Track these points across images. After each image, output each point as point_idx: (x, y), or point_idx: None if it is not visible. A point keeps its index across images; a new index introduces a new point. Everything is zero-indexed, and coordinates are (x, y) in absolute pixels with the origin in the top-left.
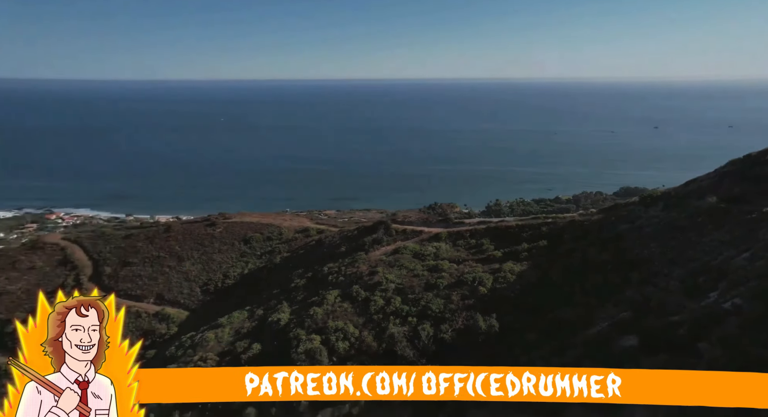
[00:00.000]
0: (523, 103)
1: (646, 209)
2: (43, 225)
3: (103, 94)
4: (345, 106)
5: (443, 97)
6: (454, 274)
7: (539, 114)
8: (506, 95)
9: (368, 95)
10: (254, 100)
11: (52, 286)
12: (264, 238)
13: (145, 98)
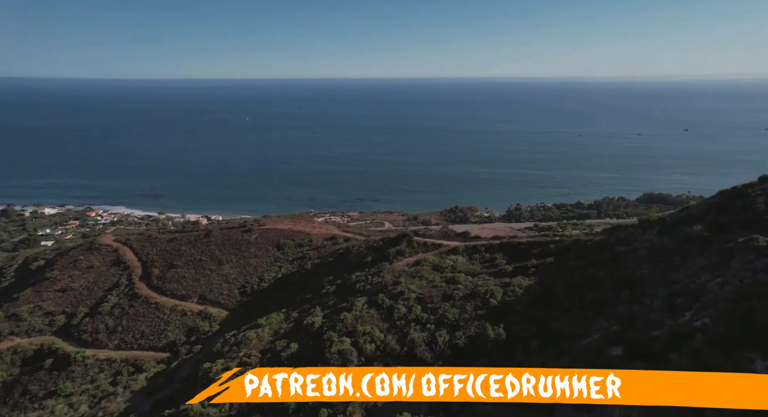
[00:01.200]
0: (548, 104)
1: (643, 232)
2: (84, 222)
3: (128, 94)
4: (368, 105)
5: (463, 96)
6: (469, 286)
7: (564, 115)
8: (528, 96)
9: (391, 94)
10: (277, 99)
11: (108, 284)
12: (296, 245)
13: (169, 97)
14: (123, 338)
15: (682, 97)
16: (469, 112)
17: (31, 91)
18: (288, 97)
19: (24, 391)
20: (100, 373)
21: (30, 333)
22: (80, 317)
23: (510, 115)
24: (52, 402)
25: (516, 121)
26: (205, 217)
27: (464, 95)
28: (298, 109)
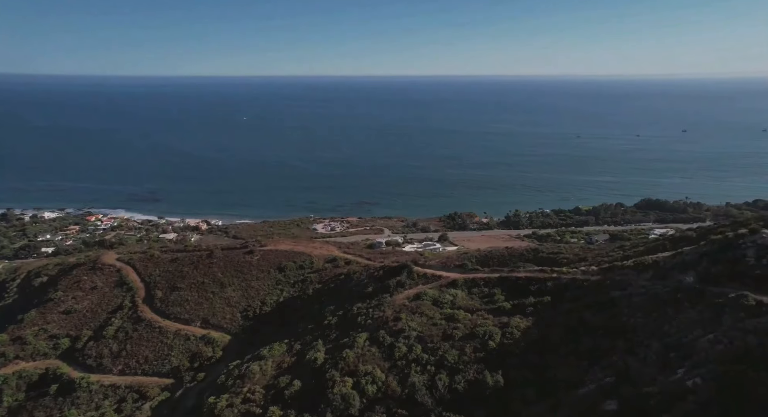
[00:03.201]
0: (546, 103)
1: (638, 275)
2: (84, 227)
3: (123, 91)
4: (370, 104)
5: (462, 95)
6: (468, 326)
7: (563, 115)
8: (525, 95)
9: (393, 93)
10: (275, 97)
11: (112, 306)
12: (297, 267)
13: (166, 94)
14: (127, 363)
15: (684, 96)
16: (465, 112)
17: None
18: (289, 95)
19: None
20: (105, 400)
21: (35, 356)
22: (84, 341)
23: (507, 114)
24: None
25: (513, 121)
26: (205, 221)
27: (461, 94)
28: (299, 108)
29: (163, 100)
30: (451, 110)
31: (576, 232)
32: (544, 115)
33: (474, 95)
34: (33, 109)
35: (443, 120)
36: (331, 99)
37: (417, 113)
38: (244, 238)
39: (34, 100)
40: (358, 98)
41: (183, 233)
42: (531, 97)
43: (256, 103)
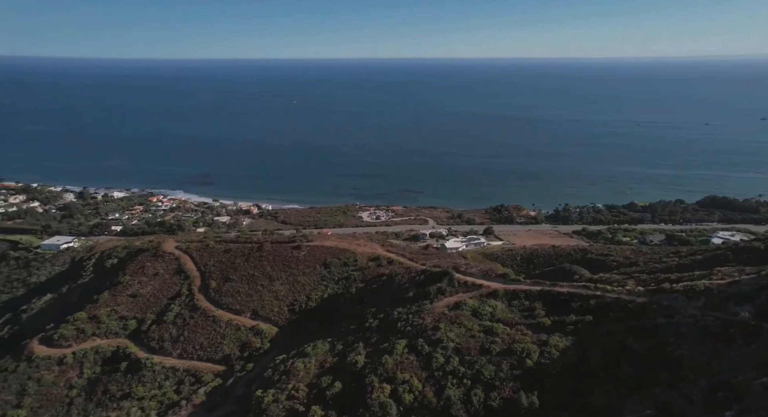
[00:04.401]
0: (604, 88)
1: (688, 302)
2: (147, 207)
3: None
4: (417, 88)
5: (510, 78)
6: (506, 341)
7: (621, 102)
8: (575, 79)
9: (442, 76)
10: (326, 80)
11: (171, 293)
12: (341, 264)
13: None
14: (185, 348)
15: (747, 79)
16: (516, 98)
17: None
18: (335, 79)
19: (105, 390)
20: (166, 381)
21: (108, 335)
22: (148, 324)
23: (560, 101)
24: (128, 404)
25: (567, 107)
26: (256, 205)
27: (511, 78)
28: (347, 92)
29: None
30: (502, 95)
31: (629, 231)
32: (600, 102)
33: (523, 79)
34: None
35: (494, 105)
36: (382, 83)
37: (468, 98)
38: (292, 224)
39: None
40: (408, 82)
41: (236, 216)
42: (583, 81)
43: (308, 87)
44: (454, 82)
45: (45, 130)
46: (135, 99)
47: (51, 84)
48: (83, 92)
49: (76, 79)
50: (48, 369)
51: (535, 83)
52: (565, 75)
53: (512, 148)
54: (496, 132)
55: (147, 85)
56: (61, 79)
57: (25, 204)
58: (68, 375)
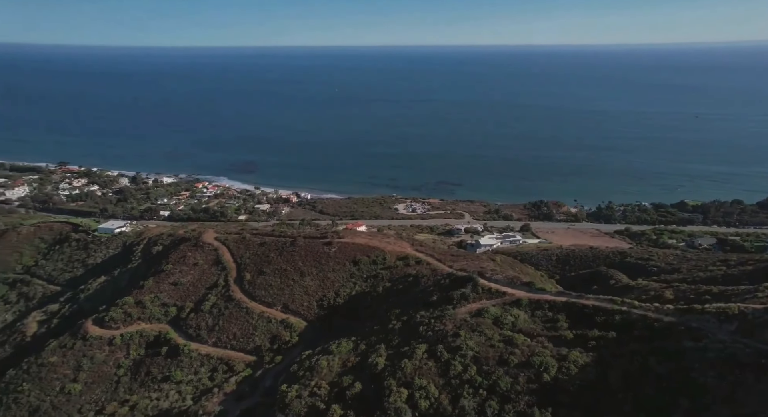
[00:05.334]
0: (656, 78)
1: (719, 326)
2: (192, 193)
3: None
4: (458, 77)
5: (557, 68)
6: (525, 352)
7: (677, 92)
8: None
9: (483, 65)
10: (365, 68)
11: (209, 283)
12: (370, 261)
13: (257, 66)
14: (219, 337)
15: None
16: (561, 87)
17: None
18: (375, 67)
19: (148, 371)
20: (201, 367)
21: (151, 320)
22: (187, 311)
23: (608, 91)
24: (167, 387)
25: (616, 98)
26: (295, 194)
27: (557, 67)
28: (387, 81)
29: (257, 71)
30: (546, 84)
31: (676, 233)
32: (653, 92)
33: (566, 68)
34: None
35: (538, 95)
36: (423, 71)
37: (509, 87)
38: (329, 214)
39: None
40: (450, 71)
41: (275, 205)
42: (632, 69)
43: (349, 75)
44: (496, 71)
45: (106, 117)
46: (183, 87)
47: (106, 73)
48: (137, 81)
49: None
50: (100, 348)
51: (578, 72)
52: (610, 63)
53: (556, 141)
54: (540, 124)
55: (192, 74)
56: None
57: (87, 187)
58: (117, 355)
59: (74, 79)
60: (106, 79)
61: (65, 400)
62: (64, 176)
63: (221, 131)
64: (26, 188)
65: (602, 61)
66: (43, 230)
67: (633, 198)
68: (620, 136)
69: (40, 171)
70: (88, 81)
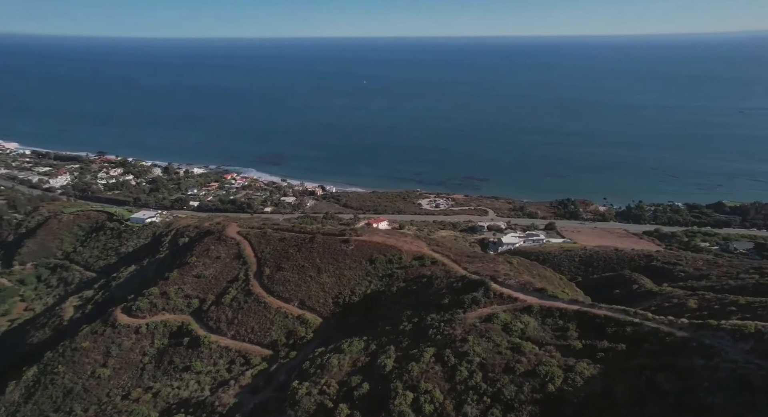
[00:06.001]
0: (694, 69)
1: (734, 343)
2: (221, 184)
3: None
4: (490, 68)
5: (588, 59)
6: (532, 361)
7: (721, 85)
8: (660, 59)
9: (516, 55)
10: (393, 60)
11: (230, 277)
12: (386, 260)
13: (282, 57)
14: (238, 330)
15: None
16: (593, 81)
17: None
18: (403, 59)
19: (170, 360)
20: (220, 359)
21: (174, 311)
22: (209, 304)
23: (643, 83)
24: (187, 376)
25: (652, 91)
26: (321, 187)
27: (587, 58)
28: (415, 73)
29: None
30: (577, 77)
31: (710, 235)
32: (693, 85)
33: (597, 60)
34: (150, 70)
35: (569, 89)
36: (453, 62)
37: (544, 80)
38: (353, 208)
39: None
40: (481, 62)
41: (301, 197)
42: (667, 60)
43: (378, 67)
44: (526, 63)
45: (141, 107)
46: (215, 79)
47: (149, 64)
48: (173, 72)
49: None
50: (127, 336)
51: (610, 64)
52: (641, 54)
53: (588, 137)
54: (571, 118)
55: (225, 65)
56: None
57: (122, 177)
58: (142, 343)
59: (110, 69)
60: (141, 69)
61: (95, 383)
62: (102, 165)
63: (251, 122)
64: (68, 177)
65: (633, 52)
66: (81, 218)
67: (666, 197)
68: (656, 132)
69: (80, 160)
70: (123, 71)
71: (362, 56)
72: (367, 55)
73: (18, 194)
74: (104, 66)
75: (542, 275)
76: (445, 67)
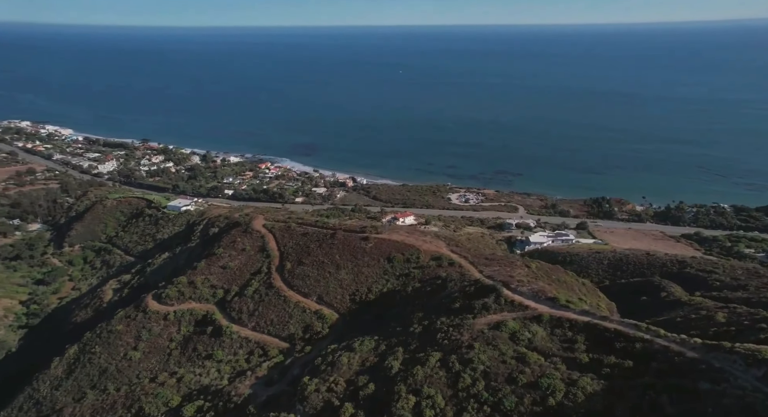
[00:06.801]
0: (746, 58)
1: (747, 369)
2: (256, 173)
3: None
4: (530, 60)
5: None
6: (536, 372)
7: None
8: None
9: (561, 45)
10: (429, 50)
11: (253, 269)
12: (404, 260)
13: (316, 46)
14: (258, 322)
15: None
16: (637, 70)
17: None
18: (442, 49)
19: (194, 348)
20: (240, 349)
21: (200, 300)
22: (232, 295)
23: (692, 74)
24: (209, 364)
25: (701, 83)
26: (352, 178)
27: (629, 48)
28: (455, 62)
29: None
30: (620, 68)
31: (757, 241)
32: (749, 75)
33: (642, 49)
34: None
35: (613, 80)
36: (489, 52)
37: (584, 71)
38: (382, 200)
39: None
40: (516, 52)
41: (331, 189)
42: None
43: (414, 56)
44: (567, 52)
45: (181, 95)
46: (254, 67)
47: (190, 52)
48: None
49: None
50: (156, 322)
51: (650, 52)
52: (684, 42)
53: (628, 132)
54: (613, 112)
55: (262, 52)
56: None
57: (163, 164)
58: (170, 330)
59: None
60: (180, 57)
61: (127, 365)
62: (146, 152)
63: (287, 111)
64: (114, 163)
65: (677, 40)
66: (123, 204)
67: (710, 198)
68: (705, 127)
69: (126, 147)
70: (163, 60)
71: (398, 45)
72: (403, 44)
73: (70, 179)
74: (153, 55)
75: (562, 281)
76: (480, 56)
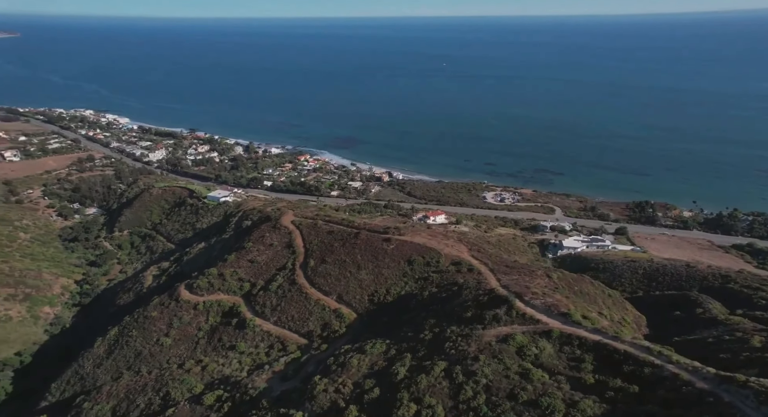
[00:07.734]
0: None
1: (758, 406)
2: (294, 165)
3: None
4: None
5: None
6: (538, 390)
7: None
8: None
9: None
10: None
11: (279, 265)
12: (424, 263)
13: (360, 37)
14: (279, 317)
15: None
16: (694, 64)
17: None
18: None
19: (220, 338)
20: (261, 342)
21: (228, 292)
22: (258, 289)
23: (751, 67)
24: (232, 355)
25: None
26: (388, 173)
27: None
28: (501, 55)
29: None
30: (674, 61)
31: None
32: None
33: (701, 40)
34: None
35: (673, 76)
36: (537, 43)
37: (643, 65)
38: (416, 197)
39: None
40: (564, 44)
41: (366, 183)
42: None
43: (459, 48)
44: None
45: (229, 86)
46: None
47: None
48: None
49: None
50: (187, 311)
51: (708, 45)
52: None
53: (683, 133)
54: (667, 110)
55: (305, 45)
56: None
57: (208, 154)
58: (198, 319)
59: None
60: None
61: (159, 350)
62: (192, 142)
63: (328, 104)
64: (164, 152)
65: (731, 30)
66: (168, 193)
67: None
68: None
69: (175, 136)
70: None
71: (444, 36)
72: (448, 36)
73: (123, 166)
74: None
75: (584, 292)
76: (527, 48)
